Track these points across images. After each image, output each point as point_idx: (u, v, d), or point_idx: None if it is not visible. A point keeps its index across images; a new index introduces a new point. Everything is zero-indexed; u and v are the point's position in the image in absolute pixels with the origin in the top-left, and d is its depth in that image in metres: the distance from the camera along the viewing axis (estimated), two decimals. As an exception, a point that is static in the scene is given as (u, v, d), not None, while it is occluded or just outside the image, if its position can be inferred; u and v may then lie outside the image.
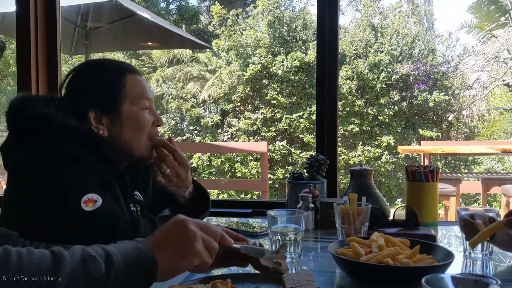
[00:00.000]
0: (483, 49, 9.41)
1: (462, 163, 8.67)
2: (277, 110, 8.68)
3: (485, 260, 1.28)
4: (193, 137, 9.42)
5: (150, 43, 6.86)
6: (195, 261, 0.83)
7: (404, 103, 8.52)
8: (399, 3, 9.79)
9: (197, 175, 8.43)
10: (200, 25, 12.68)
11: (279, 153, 8.51)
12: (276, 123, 8.66)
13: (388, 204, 1.82)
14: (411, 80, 8.60)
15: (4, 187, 1.26)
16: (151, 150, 1.33)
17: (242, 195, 8.36)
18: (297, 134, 8.59)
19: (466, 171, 7.99)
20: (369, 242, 1.18)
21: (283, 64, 8.58)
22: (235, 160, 8.65)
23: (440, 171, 3.91)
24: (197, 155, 8.65)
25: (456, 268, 1.17)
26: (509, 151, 5.91)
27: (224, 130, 9.32)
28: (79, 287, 0.73)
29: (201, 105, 9.87)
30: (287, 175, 3.96)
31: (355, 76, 8.43)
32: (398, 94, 8.54)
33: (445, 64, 9.08)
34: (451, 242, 1.59)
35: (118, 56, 10.75)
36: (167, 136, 1.37)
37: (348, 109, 8.45)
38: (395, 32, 8.83)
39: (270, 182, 7.77)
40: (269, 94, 8.67)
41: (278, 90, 8.66)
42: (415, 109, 8.72)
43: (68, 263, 0.73)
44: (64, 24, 4.50)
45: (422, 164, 1.86)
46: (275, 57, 8.72)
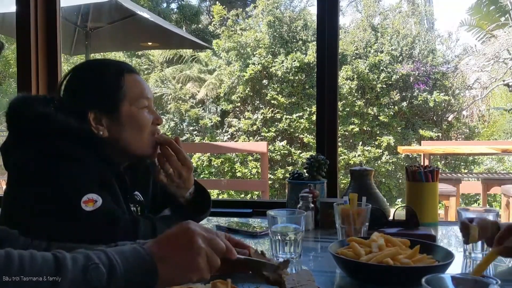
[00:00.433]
0: (483, 49, 9.41)
1: (462, 163, 8.67)
2: (277, 110, 8.68)
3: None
4: (193, 138, 9.42)
5: (150, 43, 6.86)
6: (195, 277, 0.82)
7: (404, 103, 8.52)
8: (399, 3, 9.79)
9: (197, 175, 8.42)
10: (201, 25, 12.68)
11: (279, 153, 8.51)
12: (276, 123, 8.66)
13: (388, 204, 1.82)
14: (411, 80, 8.60)
15: (4, 187, 1.26)
16: (154, 148, 1.32)
17: (242, 195, 8.35)
18: (297, 134, 8.59)
19: (466, 171, 7.99)
20: (369, 242, 1.18)
21: (283, 65, 8.58)
22: (235, 160, 8.65)
23: (440, 171, 3.90)
24: (197, 155, 8.64)
25: (456, 268, 1.17)
26: (509, 151, 5.91)
27: (224, 130, 9.32)
28: None
29: (201, 106, 9.86)
30: (287, 175, 3.96)
31: (355, 76, 8.43)
32: (398, 94, 8.54)
33: (445, 64, 9.08)
34: (451, 242, 1.58)
35: (119, 56, 10.75)
36: (174, 136, 1.36)
37: (348, 109, 8.45)
38: (395, 32, 8.83)
39: (270, 182, 7.77)
40: (269, 94, 8.67)
41: (278, 90, 8.66)
42: (415, 109, 8.71)
43: (71, 269, 0.73)
44: (64, 24, 4.49)
45: (422, 164, 1.86)
46: (275, 58, 8.72)
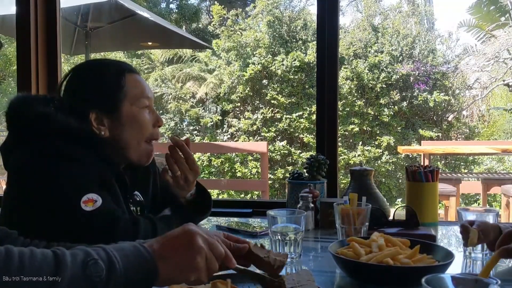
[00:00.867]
0: (483, 49, 9.41)
1: (462, 163, 8.66)
2: (277, 110, 8.68)
3: (485, 260, 1.28)
4: (193, 137, 9.42)
5: (150, 43, 6.86)
6: (193, 277, 0.82)
7: (404, 103, 8.52)
8: (400, 4, 9.79)
9: (197, 175, 8.41)
10: (200, 25, 12.68)
11: (279, 153, 8.51)
12: (276, 123, 8.65)
13: (388, 204, 1.82)
14: (411, 80, 8.60)
15: (4, 187, 1.26)
16: (149, 157, 1.33)
17: (242, 195, 8.35)
18: (297, 134, 8.59)
19: (466, 171, 7.99)
20: (369, 242, 1.18)
21: (283, 64, 8.58)
22: (235, 160, 8.65)
23: (440, 171, 3.91)
24: (197, 155, 8.64)
25: (456, 268, 1.17)
26: (509, 151, 5.91)
27: (224, 130, 9.32)
28: None
29: (201, 105, 9.86)
30: (287, 175, 3.96)
31: (355, 76, 8.43)
32: (398, 94, 8.53)
33: (445, 64, 9.08)
34: (451, 242, 1.59)
35: (119, 56, 10.75)
36: (185, 138, 1.37)
37: (348, 109, 8.45)
38: (396, 32, 8.82)
39: (270, 182, 7.77)
40: (269, 94, 8.67)
41: (278, 90, 8.66)
42: (415, 109, 8.71)
43: (70, 265, 0.73)
44: (64, 24, 4.50)
45: (422, 164, 1.86)
46: (275, 57, 8.71)
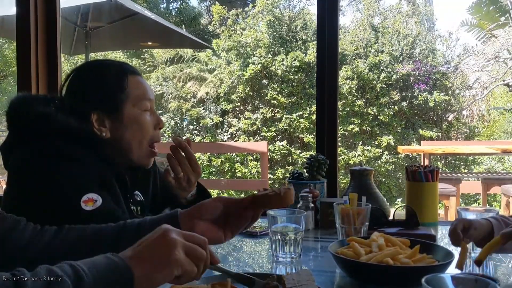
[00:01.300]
0: (483, 49, 9.41)
1: (462, 163, 8.66)
2: (277, 110, 8.68)
3: (485, 260, 1.28)
4: (193, 137, 9.41)
5: (150, 43, 6.86)
6: (175, 271, 0.78)
7: (404, 103, 8.52)
8: (400, 4, 9.79)
9: (197, 175, 8.41)
10: (200, 25, 12.67)
11: (279, 153, 8.51)
12: (276, 123, 8.65)
13: (388, 204, 1.82)
14: (412, 80, 8.60)
15: (4, 187, 1.26)
16: (150, 157, 1.33)
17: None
18: (297, 134, 8.59)
19: (466, 171, 7.99)
20: (369, 242, 1.18)
21: (283, 64, 8.57)
22: (235, 160, 8.65)
23: (440, 171, 3.91)
24: (197, 155, 8.63)
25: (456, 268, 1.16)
26: (509, 151, 5.91)
27: (224, 130, 9.32)
28: None
29: (201, 105, 9.86)
30: (287, 175, 3.96)
31: (355, 76, 8.43)
32: (398, 94, 8.53)
33: (446, 64, 9.08)
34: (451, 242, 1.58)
35: (119, 56, 10.74)
36: (186, 138, 1.38)
37: (348, 109, 8.45)
38: (396, 32, 8.82)
39: (270, 182, 7.77)
40: (269, 94, 8.66)
41: (278, 90, 8.66)
42: (415, 109, 8.71)
43: None
44: (64, 24, 4.50)
45: (422, 164, 1.86)
46: (275, 57, 8.71)
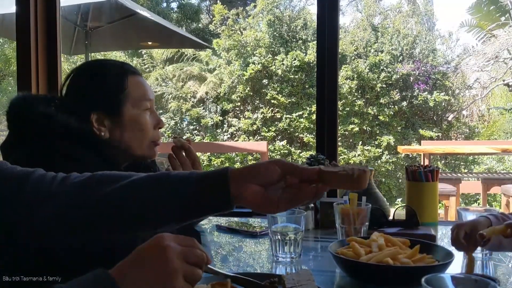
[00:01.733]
0: (483, 49, 9.41)
1: (462, 163, 8.66)
2: (277, 110, 8.68)
3: (485, 260, 1.28)
4: (193, 137, 9.41)
5: (150, 43, 6.85)
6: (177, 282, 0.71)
7: (404, 103, 8.52)
8: (400, 3, 9.79)
9: (197, 175, 8.40)
10: (201, 25, 12.66)
11: (279, 153, 8.51)
12: (276, 123, 8.66)
13: (388, 204, 1.82)
14: (412, 80, 8.60)
15: (4, 187, 1.25)
16: (153, 150, 1.33)
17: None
18: (297, 134, 8.59)
19: (466, 171, 7.99)
20: (369, 242, 1.18)
21: (283, 64, 8.57)
22: (235, 160, 8.65)
23: (440, 171, 3.91)
24: (197, 155, 8.62)
25: (456, 268, 1.17)
26: (509, 151, 5.91)
27: (224, 130, 9.32)
28: None
29: (201, 105, 9.86)
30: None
31: (355, 76, 8.43)
32: (398, 94, 8.54)
33: (446, 64, 9.08)
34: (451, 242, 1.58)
35: (120, 55, 10.73)
36: (186, 138, 1.38)
37: (348, 109, 8.45)
38: (396, 32, 8.83)
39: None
40: (269, 94, 8.67)
41: (278, 90, 8.66)
42: (415, 109, 8.71)
43: None
44: (64, 24, 4.49)
45: (422, 164, 1.86)
46: (275, 57, 8.71)
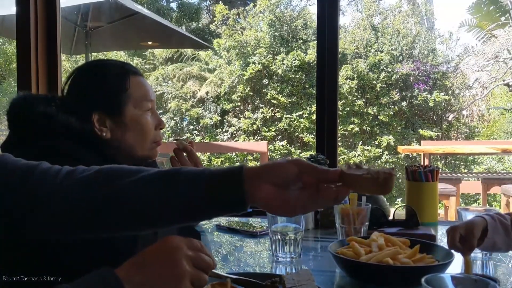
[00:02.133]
0: (483, 49, 9.41)
1: (462, 163, 8.66)
2: (277, 110, 8.68)
3: (485, 260, 1.28)
4: (193, 137, 9.41)
5: (150, 43, 6.85)
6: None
7: (404, 103, 8.52)
8: (399, 3, 9.79)
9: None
10: (201, 25, 12.66)
11: (279, 153, 8.51)
12: (276, 123, 8.66)
13: (388, 204, 1.82)
14: (411, 80, 8.60)
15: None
16: (154, 150, 1.33)
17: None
18: (297, 134, 8.59)
19: (466, 171, 7.99)
20: (369, 242, 1.18)
21: (283, 64, 8.58)
22: (235, 160, 8.65)
23: (440, 171, 3.91)
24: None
25: (456, 268, 1.17)
26: (509, 151, 5.91)
27: (224, 130, 9.32)
28: None
29: (201, 105, 9.86)
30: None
31: (355, 76, 8.43)
32: (398, 94, 8.54)
33: (445, 64, 9.08)
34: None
35: (120, 55, 10.73)
36: (188, 140, 1.38)
37: (348, 109, 8.45)
38: (396, 32, 8.83)
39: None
40: (269, 94, 8.67)
41: (278, 90, 8.66)
42: (415, 109, 8.71)
43: None
44: (64, 24, 4.49)
45: (422, 164, 1.86)
46: (275, 57, 8.71)
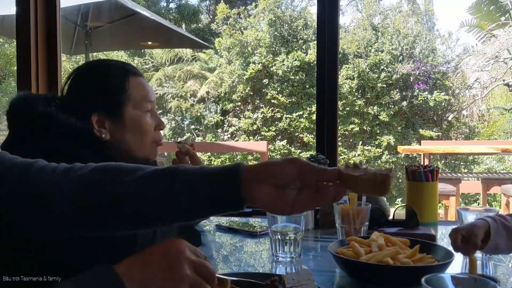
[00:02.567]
0: (483, 49, 9.41)
1: (462, 163, 8.66)
2: (277, 110, 8.68)
3: (485, 260, 1.28)
4: (194, 137, 9.42)
5: (150, 43, 6.85)
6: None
7: (405, 103, 8.52)
8: (400, 3, 9.79)
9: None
10: (200, 24, 12.66)
11: (279, 153, 8.51)
12: (276, 123, 8.66)
13: (388, 204, 1.82)
14: (412, 80, 8.60)
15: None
16: (154, 151, 1.32)
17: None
18: (297, 134, 8.59)
19: (466, 171, 7.99)
20: (369, 242, 1.18)
21: (284, 64, 8.58)
22: (235, 160, 8.65)
23: (440, 171, 3.91)
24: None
25: (456, 268, 1.17)
26: (509, 151, 5.91)
27: (224, 130, 9.32)
28: None
29: (202, 105, 9.87)
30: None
31: (356, 76, 8.43)
32: (399, 94, 8.54)
33: (446, 64, 9.08)
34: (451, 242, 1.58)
35: (121, 56, 10.73)
36: (190, 142, 1.37)
37: (348, 109, 8.45)
38: (396, 32, 8.83)
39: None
40: (269, 94, 8.67)
41: (279, 90, 8.66)
42: (415, 109, 8.71)
43: None
44: (64, 24, 4.49)
45: (422, 164, 1.86)
46: (276, 57, 8.71)
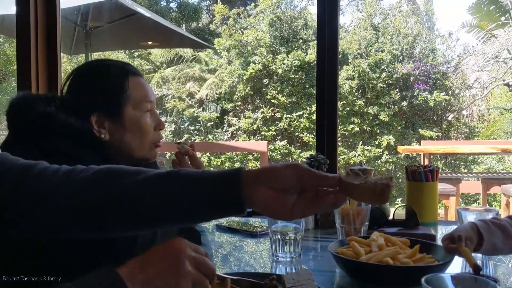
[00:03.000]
0: (483, 49, 9.41)
1: (462, 163, 8.67)
2: (277, 110, 8.68)
3: (485, 260, 1.28)
4: (193, 137, 9.42)
5: (150, 42, 6.86)
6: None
7: (404, 103, 8.52)
8: (400, 3, 9.80)
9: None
10: (200, 24, 12.67)
11: (279, 153, 8.51)
12: (276, 123, 8.66)
13: (388, 204, 1.82)
14: (412, 80, 8.60)
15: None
16: (153, 151, 1.32)
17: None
18: (297, 134, 8.59)
19: (466, 171, 7.99)
20: (369, 242, 1.18)
21: (284, 63, 8.58)
22: (235, 160, 8.65)
23: (440, 171, 3.91)
24: (197, 155, 8.62)
25: (456, 268, 1.17)
26: (509, 151, 5.91)
27: (224, 130, 9.32)
28: None
29: (202, 104, 9.87)
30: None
31: (356, 76, 8.43)
32: (399, 94, 8.54)
33: (446, 64, 9.08)
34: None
35: (121, 56, 10.73)
36: (190, 143, 1.37)
37: (348, 109, 8.45)
38: (396, 32, 8.83)
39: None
40: (270, 94, 8.67)
41: (279, 90, 8.66)
42: (415, 109, 8.71)
43: None
44: (64, 24, 4.50)
45: (422, 164, 1.86)
46: (276, 56, 8.72)
